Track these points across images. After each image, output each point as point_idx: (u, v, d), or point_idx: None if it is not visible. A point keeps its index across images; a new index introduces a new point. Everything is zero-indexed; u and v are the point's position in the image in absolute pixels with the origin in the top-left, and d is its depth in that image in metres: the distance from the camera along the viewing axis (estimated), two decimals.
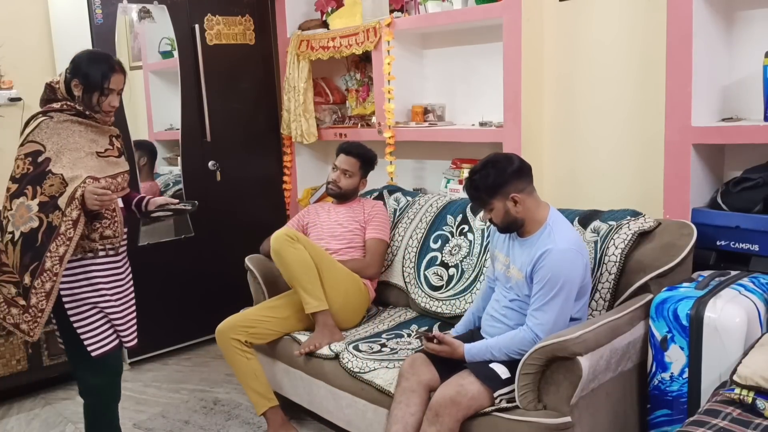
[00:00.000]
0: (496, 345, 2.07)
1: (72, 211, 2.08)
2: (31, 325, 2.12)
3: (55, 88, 2.23)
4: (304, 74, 3.67)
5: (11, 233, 2.10)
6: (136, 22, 3.48)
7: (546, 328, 1.99)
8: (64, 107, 2.19)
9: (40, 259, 2.07)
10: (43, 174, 2.10)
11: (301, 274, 2.58)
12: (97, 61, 2.21)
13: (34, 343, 3.14)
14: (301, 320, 2.73)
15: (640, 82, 2.61)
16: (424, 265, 2.88)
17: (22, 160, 2.14)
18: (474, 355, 2.10)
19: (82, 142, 2.19)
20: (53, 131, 2.15)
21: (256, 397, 2.60)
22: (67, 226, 2.07)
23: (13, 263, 2.10)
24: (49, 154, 2.13)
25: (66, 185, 2.10)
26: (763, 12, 2.31)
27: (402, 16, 3.28)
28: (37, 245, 2.07)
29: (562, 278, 1.99)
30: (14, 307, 2.13)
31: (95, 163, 2.20)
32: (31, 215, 2.09)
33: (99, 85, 2.18)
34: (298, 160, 3.99)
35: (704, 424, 1.61)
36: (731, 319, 1.89)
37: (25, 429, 2.93)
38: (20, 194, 2.10)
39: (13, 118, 3.51)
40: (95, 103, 2.20)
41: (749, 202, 2.22)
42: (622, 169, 2.72)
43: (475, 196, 2.13)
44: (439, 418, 1.97)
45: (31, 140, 2.15)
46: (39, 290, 2.08)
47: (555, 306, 2.00)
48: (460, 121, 3.33)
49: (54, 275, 2.08)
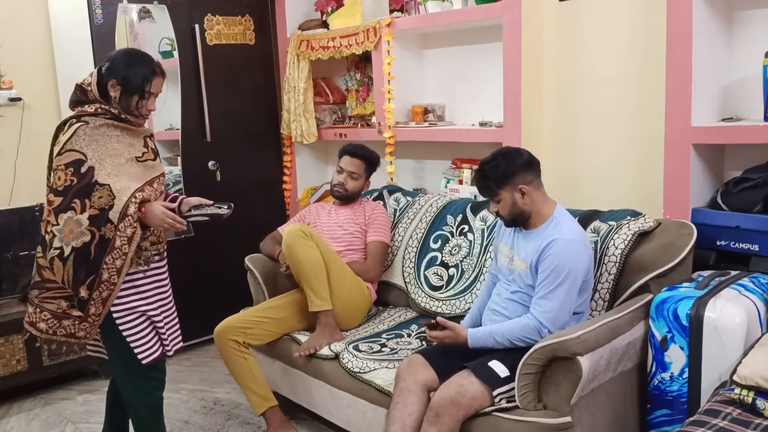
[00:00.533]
0: (499, 331, 2.09)
1: (126, 228, 2.01)
2: (88, 330, 2.08)
3: (86, 89, 2.11)
4: (304, 74, 3.67)
5: (58, 249, 2.01)
6: (136, 22, 3.48)
7: (550, 316, 2.01)
8: (98, 111, 2.08)
9: (96, 272, 2.01)
10: (90, 186, 2.00)
11: (309, 271, 2.57)
12: (138, 63, 2.11)
13: (34, 343, 3.14)
14: (301, 321, 2.73)
15: (640, 82, 2.61)
16: (424, 265, 2.88)
17: (63, 171, 2.03)
18: (477, 340, 2.12)
19: (121, 148, 2.09)
20: (91, 138, 2.05)
21: (255, 397, 2.60)
22: (122, 241, 2.01)
23: (63, 279, 2.03)
24: (92, 162, 2.02)
25: (114, 197, 2.01)
26: (763, 12, 2.31)
27: (402, 16, 3.28)
28: (91, 258, 2.00)
29: (568, 267, 2.01)
30: (66, 319, 2.06)
31: (136, 169, 2.11)
32: (83, 230, 2.00)
33: (140, 88, 2.09)
34: (298, 160, 3.99)
35: (704, 424, 1.61)
36: (731, 319, 1.89)
37: (25, 429, 2.93)
38: (67, 208, 2.01)
39: (13, 118, 3.52)
40: (134, 106, 2.10)
41: (749, 202, 2.21)
42: (622, 169, 2.72)
43: (485, 186, 2.15)
44: (440, 418, 1.97)
45: (69, 149, 2.04)
46: (97, 300, 2.03)
47: (560, 295, 2.01)
48: (460, 121, 3.33)
49: (112, 285, 2.03)
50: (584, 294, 2.12)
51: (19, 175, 3.54)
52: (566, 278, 2.01)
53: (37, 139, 3.61)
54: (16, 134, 3.54)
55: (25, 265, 3.33)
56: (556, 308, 2.01)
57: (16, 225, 3.33)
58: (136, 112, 2.12)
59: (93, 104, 2.10)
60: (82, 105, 2.13)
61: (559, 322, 2.02)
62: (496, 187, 2.12)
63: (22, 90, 3.51)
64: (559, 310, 2.01)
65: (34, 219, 3.35)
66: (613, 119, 2.72)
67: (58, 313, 2.07)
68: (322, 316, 2.58)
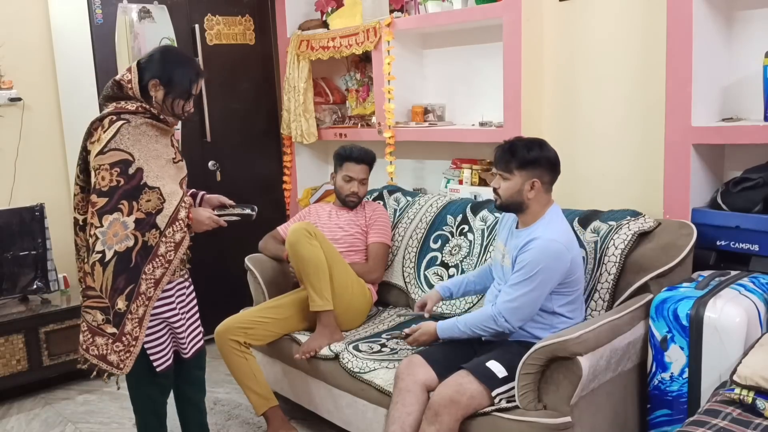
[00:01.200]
0: (463, 320, 2.18)
1: (175, 233, 1.94)
2: (122, 356, 1.95)
3: (123, 85, 2.02)
4: (304, 74, 3.67)
5: (100, 252, 1.91)
6: (136, 22, 3.47)
7: (510, 306, 2.04)
8: (139, 110, 1.99)
9: (135, 281, 1.92)
10: (138, 188, 1.92)
11: (312, 271, 2.56)
12: (184, 65, 2.05)
13: (34, 343, 3.14)
14: (302, 321, 2.73)
15: (641, 82, 2.61)
16: (424, 265, 2.88)
17: (107, 171, 1.91)
18: (445, 330, 2.23)
19: (160, 149, 2.03)
20: (134, 138, 1.96)
21: (255, 397, 2.60)
22: (167, 247, 1.93)
23: (102, 286, 1.92)
24: (139, 163, 1.94)
25: (164, 201, 1.93)
26: (763, 12, 2.31)
27: (402, 16, 3.28)
28: (131, 266, 1.91)
29: (541, 265, 2.02)
30: (99, 336, 1.95)
31: (174, 171, 2.06)
32: (127, 233, 1.90)
33: (186, 90, 2.03)
34: (298, 160, 3.99)
35: (704, 424, 1.61)
36: (731, 319, 1.89)
37: (25, 429, 2.93)
38: (114, 209, 1.91)
39: (13, 118, 3.52)
40: (178, 108, 2.05)
41: (749, 202, 2.21)
42: (622, 169, 2.71)
43: (506, 159, 2.13)
44: (439, 418, 1.97)
45: (114, 148, 1.93)
46: (134, 315, 1.92)
47: (525, 289, 2.03)
48: (460, 121, 3.33)
49: (147, 299, 1.94)
50: (571, 297, 2.13)
51: (19, 175, 3.54)
52: (537, 275, 2.01)
53: (37, 139, 3.62)
54: (16, 134, 3.54)
55: (25, 265, 3.33)
56: (519, 300, 2.03)
57: (16, 225, 3.32)
58: (179, 113, 2.07)
59: (132, 102, 2.01)
60: (117, 101, 2.03)
61: (519, 315, 2.04)
62: (516, 165, 2.11)
63: (22, 90, 3.51)
64: (522, 303, 2.03)
65: (34, 219, 3.35)
66: (613, 119, 2.72)
67: (93, 327, 1.97)
68: (323, 316, 2.58)
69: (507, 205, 2.17)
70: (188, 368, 2.29)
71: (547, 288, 2.04)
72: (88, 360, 2.00)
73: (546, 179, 2.13)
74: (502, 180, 2.15)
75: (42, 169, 3.66)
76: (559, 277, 2.05)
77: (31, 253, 3.35)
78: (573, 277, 2.11)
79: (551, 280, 2.04)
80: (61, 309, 3.27)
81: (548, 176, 2.14)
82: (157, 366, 2.09)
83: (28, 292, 3.35)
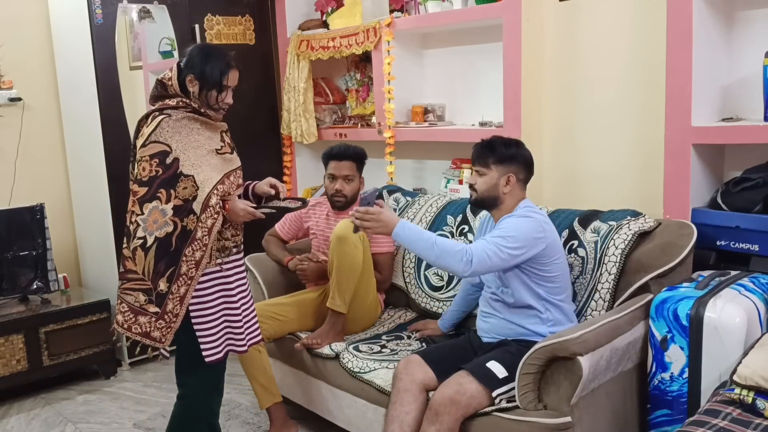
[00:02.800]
0: (434, 237, 2.07)
1: (207, 219, 2.02)
2: (164, 331, 2.04)
3: (166, 83, 2.14)
4: (304, 74, 3.67)
5: (142, 238, 2.02)
6: (136, 22, 3.48)
7: (482, 249, 2.04)
8: (179, 104, 2.10)
9: (176, 263, 2.01)
10: (175, 176, 2.02)
11: (345, 271, 2.53)
12: (214, 57, 2.14)
13: (34, 343, 3.14)
14: (307, 322, 2.73)
15: (640, 81, 2.61)
16: (425, 265, 2.88)
17: (147, 162, 2.03)
18: (406, 230, 2.07)
19: (201, 140, 2.11)
20: (174, 130, 2.06)
21: (262, 390, 2.59)
22: (203, 232, 2.02)
23: (144, 270, 2.03)
24: (176, 154, 2.04)
25: (198, 188, 2.03)
26: (763, 12, 2.31)
27: (402, 16, 3.28)
28: (172, 250, 2.01)
29: (512, 228, 2.09)
30: (142, 316, 2.05)
31: (216, 161, 2.12)
32: (166, 219, 2.01)
33: (218, 82, 2.12)
34: (298, 160, 3.99)
35: (704, 424, 1.61)
36: (731, 319, 1.89)
37: (25, 429, 2.93)
38: (153, 198, 2.01)
39: (13, 118, 3.53)
40: (213, 100, 2.14)
41: (749, 202, 2.22)
42: (622, 169, 2.72)
43: (484, 154, 2.20)
44: (439, 418, 1.97)
45: (154, 140, 2.04)
46: (175, 295, 2.02)
47: (499, 242, 2.06)
48: (460, 121, 3.33)
49: (189, 279, 2.02)
50: (558, 284, 2.15)
51: (19, 175, 3.55)
52: (509, 233, 2.07)
53: (37, 139, 3.62)
54: (16, 134, 3.54)
55: (25, 265, 3.34)
56: (491, 249, 2.04)
57: (16, 225, 3.32)
58: (216, 105, 2.15)
59: (174, 98, 2.12)
60: (163, 99, 2.14)
61: (486, 263, 2.03)
62: (493, 160, 2.18)
63: (22, 90, 3.51)
64: (493, 251, 2.04)
65: (34, 219, 3.35)
66: (613, 119, 2.72)
67: (135, 307, 2.06)
68: (334, 317, 2.57)
69: (482, 200, 2.22)
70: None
71: (518, 251, 2.06)
72: (129, 337, 2.09)
73: (521, 176, 2.20)
74: (479, 176, 2.21)
75: (42, 169, 3.67)
76: (530, 243, 2.08)
77: (31, 253, 3.35)
78: (555, 260, 2.13)
79: (522, 242, 2.06)
80: (61, 309, 3.27)
81: (523, 174, 2.21)
82: (207, 356, 2.11)
83: (28, 292, 3.35)
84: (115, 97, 3.37)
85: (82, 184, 3.64)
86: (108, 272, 3.46)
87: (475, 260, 2.02)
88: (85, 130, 3.47)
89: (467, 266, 2.02)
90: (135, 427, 2.89)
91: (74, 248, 3.80)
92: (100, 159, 3.36)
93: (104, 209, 3.39)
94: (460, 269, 2.04)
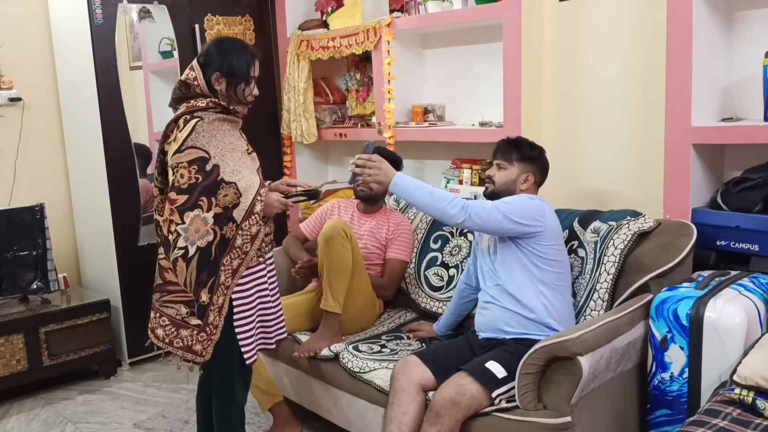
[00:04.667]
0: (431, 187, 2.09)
1: (251, 226, 1.99)
2: (205, 344, 1.99)
3: (190, 84, 2.06)
4: (304, 74, 3.67)
5: (183, 248, 1.96)
6: (136, 22, 3.48)
7: (478, 203, 2.09)
8: (209, 105, 2.04)
9: (216, 273, 1.96)
10: (216, 184, 1.97)
11: (335, 271, 2.54)
12: (238, 50, 2.08)
13: (34, 343, 3.14)
14: (305, 322, 2.73)
15: (641, 82, 2.61)
16: (425, 265, 2.88)
17: (186, 169, 1.97)
18: (404, 178, 2.09)
19: (235, 142, 2.07)
20: (210, 134, 2.00)
21: (260, 393, 2.60)
22: (244, 240, 1.98)
23: (186, 281, 1.97)
24: (216, 160, 1.98)
25: (240, 195, 1.98)
26: (763, 12, 2.31)
27: (402, 16, 3.28)
28: (212, 259, 1.96)
29: (515, 199, 2.18)
30: (184, 329, 1.99)
31: (250, 162, 2.09)
32: (207, 228, 1.95)
33: (245, 74, 2.06)
34: (298, 160, 3.99)
35: (704, 424, 1.61)
36: (731, 319, 1.89)
37: (25, 429, 2.93)
38: (194, 206, 1.96)
39: (13, 118, 3.53)
40: (242, 95, 2.08)
41: (749, 202, 2.21)
42: (622, 169, 2.72)
43: (509, 149, 2.31)
44: (440, 419, 1.97)
45: (190, 146, 1.98)
46: (215, 306, 1.97)
47: (498, 203, 2.13)
48: (460, 121, 3.33)
49: (226, 289, 1.98)
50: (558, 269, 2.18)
51: (19, 175, 3.55)
52: (511, 201, 2.16)
53: (37, 139, 3.62)
54: (16, 134, 3.54)
55: (25, 265, 3.34)
56: (489, 204, 2.12)
57: (16, 225, 3.32)
58: (244, 99, 2.10)
59: (202, 99, 2.06)
60: (187, 101, 2.07)
61: (483, 216, 2.07)
62: (516, 157, 2.30)
63: (22, 90, 3.51)
64: (491, 206, 2.10)
65: (34, 219, 3.35)
66: (613, 119, 2.72)
67: (177, 320, 1.99)
68: (329, 318, 2.57)
69: (498, 193, 2.29)
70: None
71: (516, 215, 2.10)
72: (171, 353, 2.04)
73: (537, 178, 2.33)
74: (499, 169, 2.31)
75: (42, 169, 3.67)
76: (531, 227, 2.13)
77: (31, 253, 3.35)
78: (553, 245, 2.17)
79: (519, 211, 2.12)
80: (61, 309, 3.27)
81: (539, 177, 2.34)
82: (248, 359, 2.08)
83: (28, 292, 3.35)
84: (115, 97, 3.37)
85: (82, 184, 3.64)
86: (108, 272, 3.47)
87: (471, 210, 2.07)
88: (85, 130, 3.47)
89: (463, 212, 2.06)
90: (135, 427, 2.89)
91: (74, 248, 3.80)
92: (100, 159, 3.35)
93: (104, 209, 3.39)
94: (455, 213, 2.06)
